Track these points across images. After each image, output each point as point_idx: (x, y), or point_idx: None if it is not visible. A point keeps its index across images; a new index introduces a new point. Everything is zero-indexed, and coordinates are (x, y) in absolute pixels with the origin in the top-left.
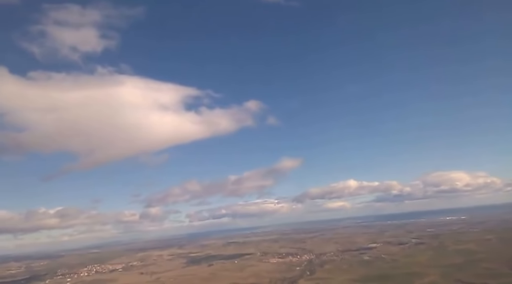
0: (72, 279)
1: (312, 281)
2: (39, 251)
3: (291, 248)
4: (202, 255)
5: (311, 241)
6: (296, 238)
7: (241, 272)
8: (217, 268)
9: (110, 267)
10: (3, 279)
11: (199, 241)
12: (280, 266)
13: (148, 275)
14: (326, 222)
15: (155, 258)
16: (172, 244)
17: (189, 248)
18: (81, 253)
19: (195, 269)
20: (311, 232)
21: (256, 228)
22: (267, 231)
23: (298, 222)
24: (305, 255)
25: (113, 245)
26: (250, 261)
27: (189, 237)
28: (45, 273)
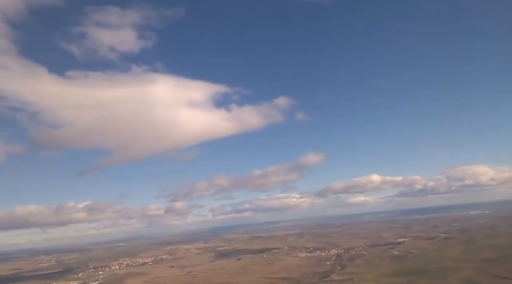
0: (104, 272)
1: (344, 276)
2: (66, 244)
3: (318, 243)
4: (230, 249)
5: (337, 236)
6: (321, 232)
7: (271, 266)
8: (246, 262)
9: (140, 260)
10: (36, 272)
11: (223, 235)
12: (309, 260)
13: (178, 268)
14: (349, 216)
15: (183, 252)
16: (197, 238)
17: (215, 242)
18: (109, 246)
19: (224, 263)
20: (335, 227)
21: (278, 222)
22: (290, 225)
23: (320, 216)
24: (333, 249)
25: (138, 239)
26: (279, 255)
27: (212, 231)
28: (77, 266)
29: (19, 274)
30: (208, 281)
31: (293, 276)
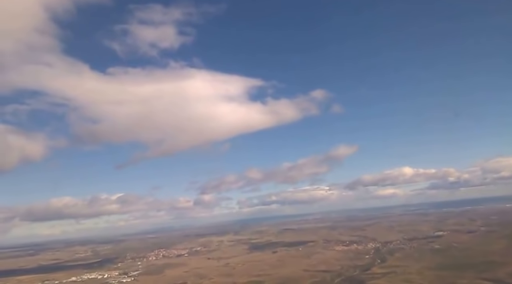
0: (142, 262)
1: (386, 269)
2: (98, 235)
3: (352, 236)
4: (263, 241)
5: (371, 229)
6: (353, 225)
7: (308, 259)
8: (282, 255)
9: (175, 252)
10: (76, 262)
11: (252, 227)
12: (347, 254)
13: (215, 260)
14: (378, 209)
15: (217, 244)
16: (226, 231)
17: (246, 235)
18: (140, 238)
19: (259, 255)
20: (366, 220)
21: (305, 215)
22: (318, 218)
23: (348, 209)
24: (370, 243)
25: (167, 231)
26: (315, 248)
27: (240, 224)
28: (115, 256)
29: (60, 264)
30: (247, 273)
31: (333, 269)
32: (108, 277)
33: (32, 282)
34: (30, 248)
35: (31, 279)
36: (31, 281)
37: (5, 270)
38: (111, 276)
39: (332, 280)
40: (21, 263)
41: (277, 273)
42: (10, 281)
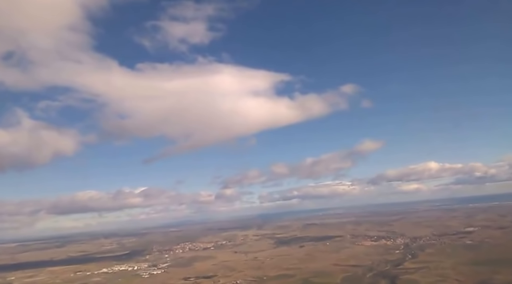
0: (169, 255)
1: (418, 264)
2: (120, 228)
3: (380, 231)
4: (288, 236)
5: (398, 225)
6: (378, 221)
7: (337, 254)
8: (310, 249)
9: (201, 245)
10: (104, 254)
11: (274, 222)
12: (376, 249)
13: (242, 254)
14: (401, 205)
15: (242, 238)
16: (248, 225)
17: (269, 229)
18: (163, 231)
19: (287, 250)
20: (391, 215)
21: (325, 209)
22: (340, 213)
23: (370, 204)
24: (398, 238)
25: (188, 224)
26: (342, 243)
27: (260, 218)
28: (142, 249)
29: (88, 256)
30: (277, 267)
31: (364, 263)
32: (138, 269)
33: (64, 273)
34: (56, 240)
35: (63, 270)
36: (63, 272)
37: (37, 262)
38: (141, 268)
39: (364, 275)
40: (50, 254)
41: (307, 267)
42: (43, 272)
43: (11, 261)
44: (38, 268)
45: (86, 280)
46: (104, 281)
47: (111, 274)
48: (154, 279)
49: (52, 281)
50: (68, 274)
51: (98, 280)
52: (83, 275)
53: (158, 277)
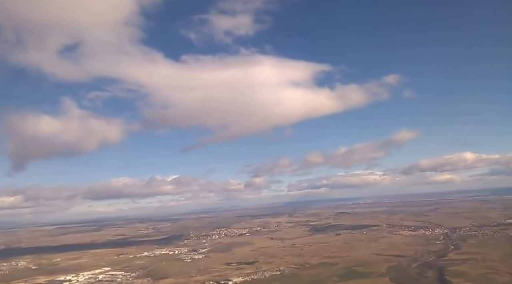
0: (206, 240)
1: (464, 256)
2: (152, 214)
3: (416, 221)
4: (322, 224)
5: (434, 215)
6: (412, 211)
7: (376, 243)
8: (347, 238)
9: (236, 231)
10: (142, 238)
11: (302, 210)
12: (416, 239)
13: (279, 240)
14: (433, 195)
15: (276, 225)
16: (279, 212)
17: (301, 217)
18: (194, 217)
19: (323, 237)
20: (424, 205)
21: (354, 199)
22: (370, 203)
23: (400, 194)
24: (437, 229)
25: (216, 211)
26: (380, 232)
27: (288, 206)
28: (179, 234)
29: (127, 239)
30: (317, 254)
31: (406, 254)
32: (178, 253)
33: (107, 255)
34: (93, 224)
35: (105, 253)
36: (106, 254)
37: (78, 244)
38: (182, 252)
39: (408, 265)
40: (90, 238)
41: (348, 256)
42: (86, 254)
43: (53, 243)
44: (81, 251)
45: (130, 263)
46: (147, 264)
47: (153, 258)
48: (196, 264)
49: (96, 263)
50: (111, 257)
51: (141, 263)
52: (126, 257)
53: (200, 261)
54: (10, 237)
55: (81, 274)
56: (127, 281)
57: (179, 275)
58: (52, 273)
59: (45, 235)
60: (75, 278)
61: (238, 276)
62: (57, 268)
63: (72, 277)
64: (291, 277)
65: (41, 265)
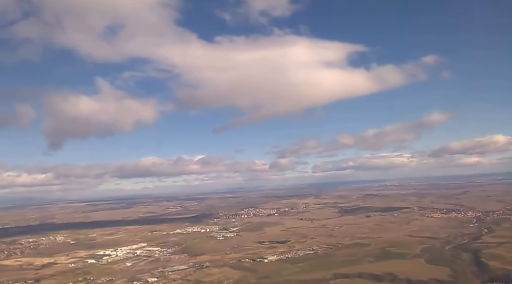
0: (236, 220)
1: (498, 239)
2: (177, 192)
3: (447, 204)
4: (351, 205)
5: (464, 198)
6: (442, 194)
7: (408, 225)
8: (378, 219)
9: (264, 211)
10: (172, 216)
11: (328, 191)
12: (448, 222)
13: (308, 221)
14: (460, 178)
15: (304, 206)
16: (303, 193)
17: (328, 198)
18: (219, 197)
19: (353, 219)
20: (453, 188)
21: (380, 181)
22: (396, 185)
23: (427, 177)
24: (469, 212)
25: (241, 191)
26: (411, 215)
27: (313, 187)
28: (208, 213)
29: (157, 217)
30: (349, 235)
31: (440, 236)
32: (210, 231)
33: (141, 232)
34: (121, 202)
35: (139, 230)
36: (139, 231)
37: (111, 221)
38: (213, 231)
39: (442, 247)
40: (121, 215)
41: (380, 237)
42: (120, 230)
43: (85, 219)
44: (114, 227)
45: (164, 239)
46: (181, 241)
47: (186, 235)
48: (229, 242)
49: (131, 239)
50: (145, 233)
51: (175, 240)
52: (159, 234)
53: (232, 239)
54: (43, 213)
55: (119, 249)
56: (165, 256)
57: (214, 252)
58: (91, 248)
59: (76, 211)
60: (114, 253)
61: (272, 254)
62: (94, 243)
63: (111, 252)
64: (325, 257)
65: (79, 240)
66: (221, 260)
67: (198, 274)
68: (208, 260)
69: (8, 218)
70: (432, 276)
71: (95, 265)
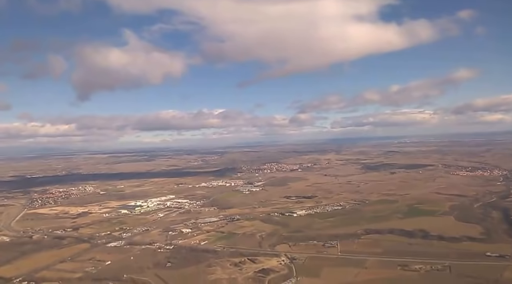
0: (259, 174)
1: None
2: (195, 145)
3: (471, 162)
4: (374, 162)
5: (489, 156)
6: (463, 151)
7: (434, 182)
8: (403, 176)
9: (286, 166)
10: (195, 169)
11: (346, 147)
12: (475, 179)
13: (332, 177)
14: (482, 135)
15: (326, 162)
16: (323, 149)
17: (349, 155)
18: (239, 151)
19: (377, 175)
20: (475, 146)
21: (399, 137)
22: (416, 142)
23: (447, 134)
24: (495, 170)
25: (259, 145)
26: (436, 172)
27: (331, 143)
28: (231, 167)
29: (180, 170)
30: (375, 191)
31: (467, 194)
32: (235, 185)
33: (167, 184)
34: (143, 154)
35: (165, 182)
36: (165, 183)
37: (136, 173)
38: (238, 185)
39: (471, 205)
40: (144, 167)
41: (407, 194)
42: (147, 182)
43: (110, 170)
44: (140, 179)
45: (191, 192)
46: (208, 194)
47: (212, 188)
48: (256, 196)
49: (159, 191)
50: (171, 186)
51: (202, 193)
52: (185, 187)
53: (258, 194)
54: (68, 164)
55: (149, 200)
56: (195, 209)
57: (243, 206)
58: (122, 199)
59: (100, 163)
60: (145, 204)
61: (300, 209)
62: (124, 194)
63: (142, 203)
64: (354, 213)
65: (108, 191)
66: (250, 214)
67: (230, 226)
68: (238, 213)
69: (34, 167)
70: (464, 233)
71: (128, 215)
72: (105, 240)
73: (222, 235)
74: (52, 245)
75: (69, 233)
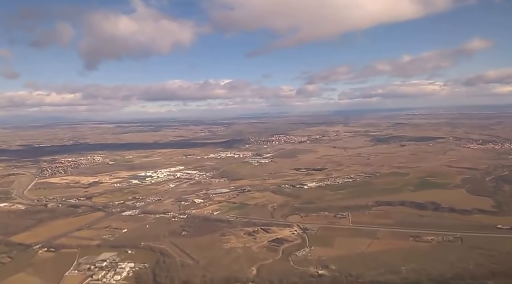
0: (268, 146)
1: None
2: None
3: (482, 135)
4: (383, 134)
5: (500, 129)
6: (474, 124)
7: (445, 155)
8: (413, 149)
9: (295, 138)
10: (203, 140)
11: (354, 119)
12: (486, 152)
13: (342, 149)
14: (492, 107)
15: (335, 134)
16: (330, 120)
17: (357, 126)
18: (246, 122)
19: (387, 148)
20: (485, 118)
21: (408, 109)
22: (425, 114)
23: (456, 106)
24: (506, 143)
25: (265, 117)
26: (447, 145)
27: (338, 114)
28: (239, 138)
29: (188, 141)
30: (385, 164)
31: (479, 167)
32: (243, 156)
33: (175, 155)
34: (148, 125)
35: (173, 153)
36: (173, 154)
37: (143, 143)
38: (247, 156)
39: (483, 178)
40: (151, 138)
41: (418, 167)
42: (155, 153)
43: (117, 140)
44: (148, 149)
45: (200, 163)
46: (217, 166)
47: (220, 160)
48: (265, 168)
49: (168, 162)
50: (180, 157)
51: (211, 164)
52: (194, 158)
53: (268, 166)
54: (74, 133)
55: (158, 171)
56: (205, 179)
57: (253, 177)
58: (131, 169)
59: (106, 132)
60: (155, 174)
61: (311, 181)
62: (133, 165)
63: (152, 173)
64: (364, 185)
65: (117, 161)
66: (261, 185)
67: (242, 197)
68: (248, 184)
69: (41, 136)
70: (475, 206)
71: (139, 185)
72: (119, 209)
73: (234, 206)
74: (67, 213)
75: (83, 202)
